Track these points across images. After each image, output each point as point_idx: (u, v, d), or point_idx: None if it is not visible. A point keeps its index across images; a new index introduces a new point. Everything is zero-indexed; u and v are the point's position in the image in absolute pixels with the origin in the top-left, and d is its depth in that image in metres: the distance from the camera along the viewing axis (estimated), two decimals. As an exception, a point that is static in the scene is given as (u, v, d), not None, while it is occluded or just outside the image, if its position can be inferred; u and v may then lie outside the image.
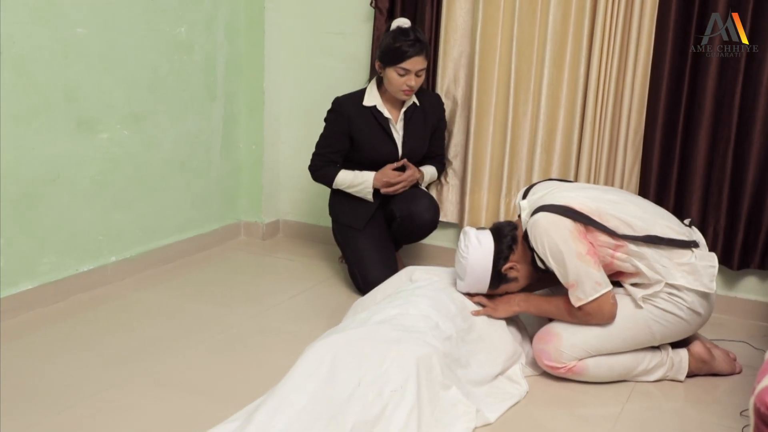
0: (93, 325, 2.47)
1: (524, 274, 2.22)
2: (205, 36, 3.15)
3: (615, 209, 2.08)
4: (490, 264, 2.18)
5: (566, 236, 2.02)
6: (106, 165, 2.77)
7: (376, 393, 1.77)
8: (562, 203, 2.06)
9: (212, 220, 3.37)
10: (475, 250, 2.18)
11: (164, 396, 2.00)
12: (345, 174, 2.82)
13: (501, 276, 2.20)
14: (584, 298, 2.04)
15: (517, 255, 2.19)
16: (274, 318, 2.59)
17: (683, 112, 2.68)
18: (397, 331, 1.96)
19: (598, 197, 2.12)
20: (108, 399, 1.98)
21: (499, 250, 2.19)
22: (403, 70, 2.66)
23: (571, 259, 2.02)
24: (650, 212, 2.14)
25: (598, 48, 2.74)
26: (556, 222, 2.04)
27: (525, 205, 2.17)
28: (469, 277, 2.20)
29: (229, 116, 3.36)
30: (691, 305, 2.09)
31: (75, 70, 2.60)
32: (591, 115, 2.80)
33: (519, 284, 2.24)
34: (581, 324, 2.11)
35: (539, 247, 2.07)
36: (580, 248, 2.02)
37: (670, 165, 2.73)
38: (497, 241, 2.20)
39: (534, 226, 2.07)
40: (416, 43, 2.64)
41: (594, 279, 2.03)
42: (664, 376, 2.20)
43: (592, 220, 2.05)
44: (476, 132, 3.00)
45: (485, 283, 2.20)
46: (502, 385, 2.10)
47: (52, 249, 2.62)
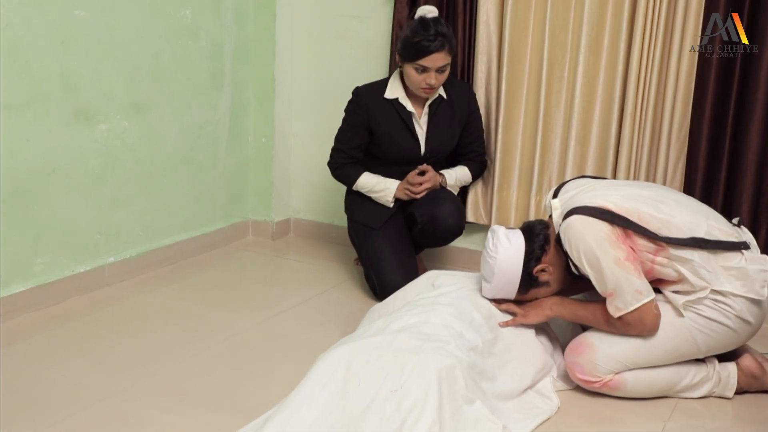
0: (90, 330, 2.49)
1: (557, 277, 2.20)
2: (211, 20, 3.17)
3: (655, 208, 2.07)
4: (520, 265, 2.16)
5: (603, 241, 2.01)
6: (104, 158, 2.80)
7: (394, 407, 1.77)
8: (598, 204, 2.05)
9: (218, 219, 3.39)
10: (505, 250, 2.16)
11: (166, 407, 2.02)
12: (368, 177, 2.82)
13: (532, 279, 2.18)
14: (624, 308, 2.03)
15: (550, 256, 2.18)
16: (284, 324, 2.60)
17: (733, 104, 2.65)
18: (418, 339, 1.96)
19: (636, 195, 2.10)
20: (106, 409, 1.99)
21: (531, 251, 2.16)
22: (422, 67, 2.65)
23: (608, 266, 2.01)
24: (694, 210, 2.12)
25: (640, 32, 2.72)
26: (592, 225, 2.03)
27: (557, 205, 2.16)
28: (497, 280, 2.18)
29: (236, 106, 3.38)
30: (740, 313, 2.06)
31: (72, 57, 2.62)
32: (631, 106, 2.78)
33: (551, 289, 2.23)
34: (619, 335, 2.09)
35: (574, 253, 2.06)
36: (619, 254, 2.01)
37: (719, 161, 2.70)
38: (529, 241, 2.18)
39: (568, 229, 2.06)
40: (437, 37, 2.62)
41: (634, 287, 2.01)
42: (711, 393, 2.18)
43: (631, 222, 2.03)
44: (505, 124, 2.98)
45: (514, 286, 2.19)
46: (531, 399, 2.09)
47: (47, 248, 2.64)
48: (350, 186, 2.87)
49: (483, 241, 3.16)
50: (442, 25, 2.66)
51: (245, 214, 3.54)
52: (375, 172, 2.86)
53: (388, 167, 2.86)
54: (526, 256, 2.16)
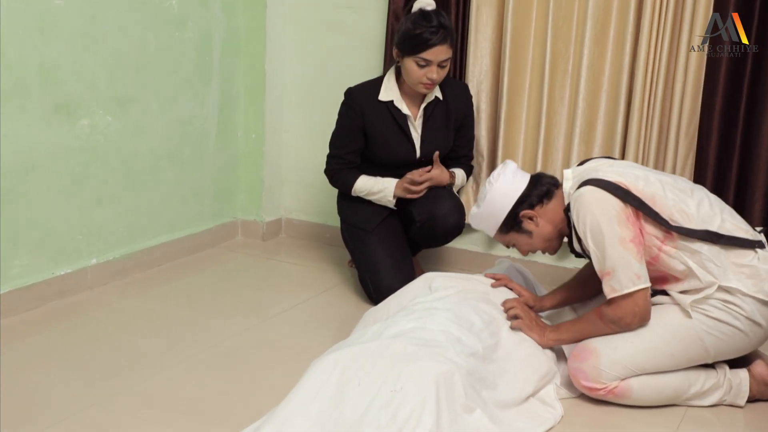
0: (71, 336, 2.48)
1: (541, 233, 2.25)
2: (199, 9, 3.16)
3: (672, 195, 2.09)
4: (512, 202, 2.24)
5: (612, 217, 2.03)
6: (86, 155, 2.78)
7: (390, 416, 1.77)
8: (613, 180, 2.07)
9: (206, 219, 3.38)
10: (505, 182, 2.25)
11: (151, 416, 2.01)
12: (365, 180, 2.82)
13: (516, 220, 2.25)
14: (619, 289, 2.04)
15: (545, 210, 2.24)
16: (275, 330, 2.59)
17: (745, 98, 2.65)
18: (414, 345, 1.96)
19: (655, 180, 2.12)
20: (89, 419, 1.98)
21: (528, 194, 2.24)
22: (424, 61, 2.64)
23: (612, 244, 2.02)
24: (711, 203, 2.14)
25: (648, 23, 2.72)
26: (604, 200, 2.05)
27: (568, 176, 2.21)
28: (485, 207, 2.27)
29: (225, 101, 3.37)
30: (750, 314, 2.06)
31: (52, 47, 2.61)
32: (638, 100, 2.78)
33: (531, 242, 2.28)
34: (611, 325, 2.09)
35: (579, 225, 2.08)
36: (625, 233, 2.02)
37: (729, 158, 2.70)
38: (531, 185, 2.26)
39: (578, 199, 2.08)
40: (440, 30, 2.62)
41: (633, 270, 2.03)
42: (721, 401, 2.18)
43: (644, 204, 2.05)
44: (507, 119, 2.98)
45: (498, 220, 2.26)
46: (533, 408, 2.09)
47: (25, 249, 2.63)
48: (349, 192, 2.86)
49: (482, 242, 3.19)
50: (444, 17, 2.66)
51: (234, 214, 3.54)
52: (370, 174, 2.86)
53: (382, 171, 2.85)
54: (522, 197, 2.24)
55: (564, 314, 2.44)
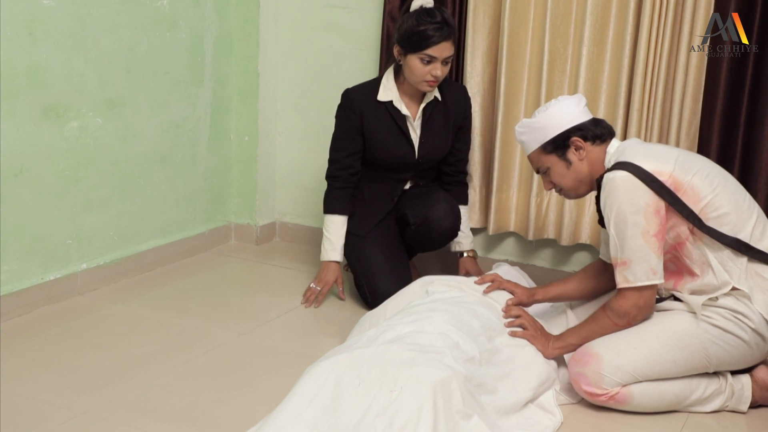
0: (60, 343, 2.48)
1: (578, 169, 2.22)
2: (190, 9, 3.16)
3: (710, 186, 2.09)
4: (570, 124, 2.20)
5: (640, 209, 2.04)
6: (76, 158, 2.78)
7: (386, 424, 1.77)
8: (651, 169, 2.07)
9: (198, 223, 3.38)
10: (570, 105, 2.23)
11: (143, 425, 2.01)
12: (335, 224, 2.83)
13: (565, 143, 2.21)
14: (633, 281, 2.06)
15: (591, 150, 2.21)
16: (269, 335, 2.59)
17: (746, 99, 2.66)
18: (411, 351, 1.96)
19: (696, 168, 2.11)
20: (78, 428, 1.98)
21: (586, 127, 2.21)
22: (428, 57, 2.64)
23: (633, 235, 2.04)
24: (749, 207, 2.15)
25: (647, 22, 2.73)
26: (636, 189, 2.06)
27: (615, 145, 2.21)
28: (542, 118, 2.23)
29: (218, 102, 3.37)
30: (758, 327, 2.08)
31: (41, 49, 2.61)
32: (638, 101, 2.79)
33: (564, 174, 2.24)
34: (618, 320, 2.11)
35: (606, 209, 2.10)
36: (650, 227, 2.04)
37: (731, 160, 2.71)
38: (591, 123, 2.23)
39: (609, 183, 2.09)
40: (444, 26, 2.63)
41: (651, 264, 2.05)
42: (723, 407, 2.19)
43: (678, 199, 2.06)
44: (504, 121, 2.99)
45: (547, 135, 2.22)
46: (532, 415, 2.09)
47: (14, 254, 2.63)
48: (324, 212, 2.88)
49: (480, 246, 3.19)
50: (447, 14, 2.68)
51: (227, 218, 3.53)
52: (366, 177, 2.87)
53: (379, 172, 2.86)
54: (581, 125, 2.21)
55: (560, 317, 2.43)
